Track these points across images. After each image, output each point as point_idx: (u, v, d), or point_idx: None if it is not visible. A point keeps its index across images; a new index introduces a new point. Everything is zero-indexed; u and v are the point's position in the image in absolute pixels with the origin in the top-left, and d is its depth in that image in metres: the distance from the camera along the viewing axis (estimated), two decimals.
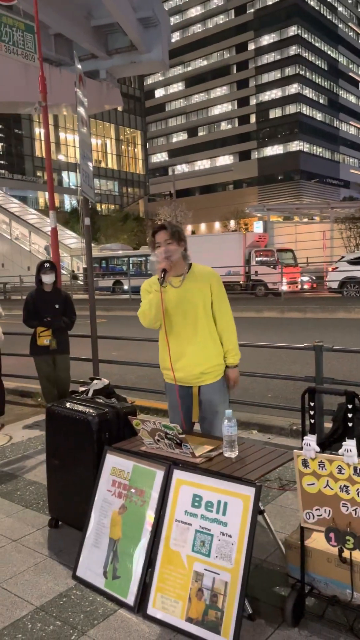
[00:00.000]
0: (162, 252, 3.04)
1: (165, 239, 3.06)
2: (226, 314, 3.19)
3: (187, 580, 2.42)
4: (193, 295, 3.10)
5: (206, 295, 3.12)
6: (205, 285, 3.13)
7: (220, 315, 3.17)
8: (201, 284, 3.13)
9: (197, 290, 3.11)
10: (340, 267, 19.50)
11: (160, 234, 3.08)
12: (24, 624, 2.48)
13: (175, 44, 68.12)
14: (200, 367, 3.12)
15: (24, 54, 7.62)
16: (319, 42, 78.26)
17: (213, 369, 3.16)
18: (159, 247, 3.07)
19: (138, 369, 7.86)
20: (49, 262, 5.50)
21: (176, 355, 3.15)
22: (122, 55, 29.46)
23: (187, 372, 3.14)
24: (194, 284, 3.12)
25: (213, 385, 3.18)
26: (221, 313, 3.17)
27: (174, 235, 3.06)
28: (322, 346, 4.44)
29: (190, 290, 3.11)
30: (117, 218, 51.22)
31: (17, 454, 4.79)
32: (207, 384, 3.17)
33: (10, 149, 61.62)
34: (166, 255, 3.03)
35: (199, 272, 3.18)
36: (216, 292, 3.15)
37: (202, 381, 3.16)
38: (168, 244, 3.05)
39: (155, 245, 3.09)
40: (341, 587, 2.32)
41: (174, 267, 3.09)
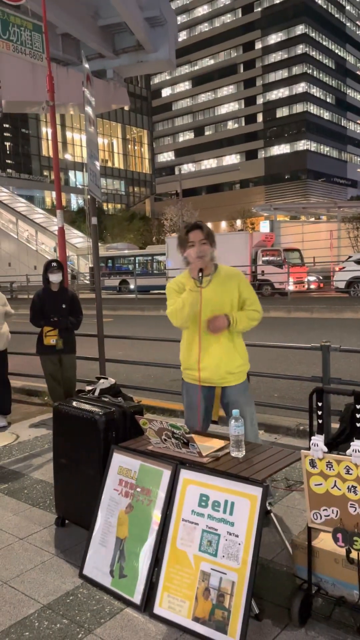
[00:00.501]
0: (197, 252, 3.03)
1: (200, 239, 3.05)
2: (254, 302, 3.19)
3: (194, 580, 2.42)
4: (220, 295, 3.10)
5: (234, 296, 3.12)
6: (234, 286, 3.13)
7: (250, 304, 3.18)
8: (229, 284, 3.13)
9: (224, 291, 3.11)
10: (348, 267, 19.42)
11: (195, 233, 3.05)
12: (31, 622, 2.49)
13: (182, 43, 68.08)
14: (225, 368, 3.12)
15: (31, 53, 7.63)
16: (326, 41, 78.01)
17: (237, 369, 3.16)
18: (192, 246, 3.04)
19: (144, 369, 7.87)
20: (56, 262, 5.51)
21: (202, 355, 3.14)
22: (129, 54, 29.47)
23: (212, 372, 3.13)
24: (222, 284, 3.12)
25: (237, 387, 3.19)
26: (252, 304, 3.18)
27: (209, 236, 3.07)
28: (329, 346, 4.42)
29: (217, 290, 3.11)
30: (123, 217, 51.28)
31: (24, 452, 4.81)
32: (232, 385, 3.17)
33: (17, 148, 61.84)
34: (200, 255, 3.03)
35: (226, 272, 3.18)
36: (245, 291, 3.16)
37: (227, 382, 3.16)
38: (203, 244, 3.04)
39: (189, 244, 3.06)
40: (348, 587, 2.32)
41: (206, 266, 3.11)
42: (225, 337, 3.12)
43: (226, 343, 3.13)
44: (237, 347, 3.18)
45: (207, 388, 3.21)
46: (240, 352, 3.20)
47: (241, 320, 3.10)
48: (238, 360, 3.17)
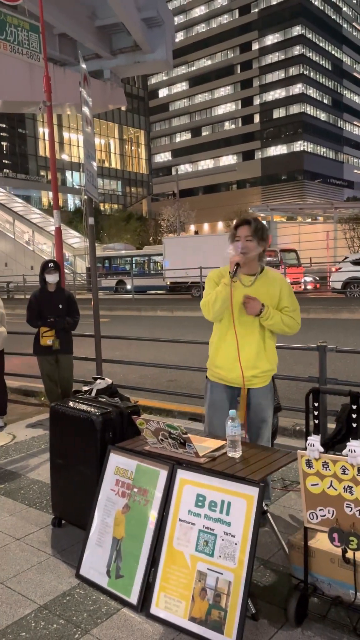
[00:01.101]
0: (239, 247, 2.96)
1: (246, 235, 2.98)
2: (295, 311, 3.09)
3: (191, 580, 2.42)
4: (261, 297, 3.01)
5: (274, 301, 3.04)
6: (276, 291, 3.05)
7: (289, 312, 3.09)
8: (272, 288, 3.05)
9: (266, 294, 3.03)
10: (344, 268, 19.47)
11: (243, 228, 3.00)
12: (28, 622, 2.49)
13: (179, 44, 68.09)
14: (252, 370, 3.06)
15: (28, 53, 7.63)
16: (323, 42, 78.18)
17: (264, 373, 3.10)
18: (238, 241, 3.00)
19: (141, 369, 7.87)
20: (53, 262, 5.51)
21: (230, 355, 3.07)
22: (126, 55, 29.50)
23: (238, 373, 3.06)
24: (265, 287, 3.05)
25: (261, 390, 3.12)
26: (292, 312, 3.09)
27: (256, 232, 2.98)
28: (325, 346, 4.43)
29: (259, 292, 3.04)
30: (120, 218, 51.27)
31: (20, 452, 4.80)
32: (256, 387, 3.11)
33: (14, 148, 61.74)
34: (242, 250, 2.95)
35: (272, 276, 3.10)
36: (286, 299, 3.07)
37: (252, 384, 3.09)
38: (248, 240, 2.97)
39: (235, 238, 3.02)
40: (345, 587, 2.32)
41: (247, 265, 3.01)
42: (257, 339, 3.05)
43: (257, 345, 3.05)
44: (267, 351, 3.09)
45: (231, 388, 3.14)
46: (270, 355, 3.12)
47: (274, 317, 3.00)
48: (265, 365, 3.08)
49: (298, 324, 3.08)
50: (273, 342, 3.16)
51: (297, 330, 3.09)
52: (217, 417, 3.17)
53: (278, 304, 3.06)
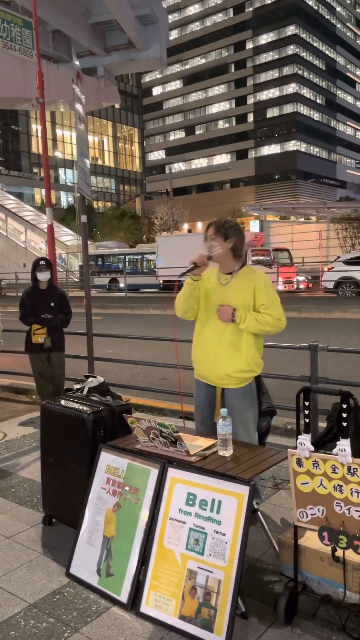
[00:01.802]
0: (205, 247, 3.05)
1: (210, 235, 3.06)
2: (271, 307, 3.02)
3: (181, 578, 2.42)
4: (234, 295, 3.03)
5: (247, 299, 3.02)
6: (250, 289, 3.03)
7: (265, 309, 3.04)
8: (245, 286, 3.04)
9: (239, 292, 3.03)
10: (336, 267, 19.55)
11: (209, 230, 3.09)
12: (17, 620, 2.48)
13: (173, 42, 68.15)
14: (224, 369, 3.05)
15: (21, 49, 7.58)
16: (317, 42, 78.36)
17: (238, 374, 3.06)
18: (208, 241, 3.08)
19: (133, 367, 7.86)
20: (45, 260, 5.48)
21: (205, 352, 3.11)
22: (120, 52, 29.41)
23: (211, 371, 3.10)
24: (240, 287, 3.05)
25: (236, 391, 3.09)
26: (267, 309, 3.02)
27: (218, 231, 3.03)
28: (317, 346, 4.45)
29: (232, 290, 3.05)
30: (113, 216, 51.14)
31: (11, 451, 4.78)
32: (230, 388, 3.09)
33: (7, 145, 61.42)
34: (208, 250, 3.03)
35: (248, 273, 3.09)
36: (260, 296, 3.02)
37: (225, 384, 3.09)
38: (212, 239, 3.04)
39: (206, 239, 3.10)
40: (334, 586, 2.34)
41: (222, 264, 3.09)
42: (230, 338, 3.03)
43: (229, 344, 3.03)
44: (241, 351, 3.04)
45: (210, 387, 3.16)
46: (247, 355, 3.05)
47: (247, 319, 2.97)
48: (239, 365, 3.04)
49: (279, 320, 3.00)
50: (253, 343, 3.08)
51: (280, 327, 3.02)
52: (197, 413, 3.26)
53: (254, 302, 3.03)
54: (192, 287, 3.08)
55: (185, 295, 3.10)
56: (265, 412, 3.28)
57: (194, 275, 3.05)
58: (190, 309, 3.15)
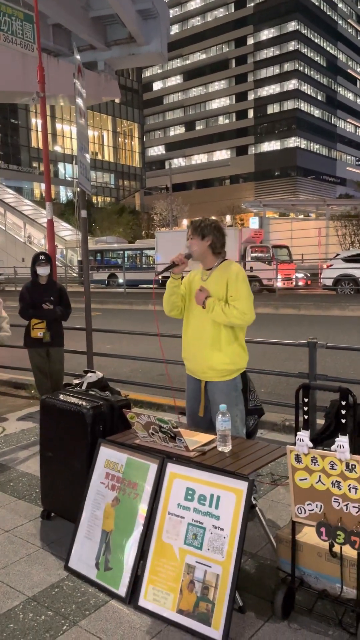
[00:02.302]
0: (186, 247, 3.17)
1: (189, 234, 3.17)
2: (238, 299, 3.03)
3: (179, 573, 2.44)
4: (211, 289, 3.12)
5: (221, 291, 3.09)
6: (222, 282, 3.10)
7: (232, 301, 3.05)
8: (221, 279, 3.12)
9: (215, 286, 3.12)
10: (335, 265, 19.57)
11: (189, 230, 3.20)
12: (16, 613, 2.49)
13: (174, 37, 67.70)
14: (206, 362, 3.12)
15: (22, 43, 7.54)
16: (318, 38, 78.11)
17: (220, 366, 3.10)
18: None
19: (132, 363, 7.87)
20: (44, 254, 5.48)
21: (189, 346, 3.22)
22: (120, 46, 29.32)
23: (195, 365, 3.20)
24: (215, 280, 3.14)
25: (218, 385, 3.14)
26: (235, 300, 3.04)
27: (196, 230, 3.14)
28: (316, 343, 4.46)
29: (211, 284, 3.14)
30: (112, 211, 51.05)
31: (10, 445, 4.80)
32: (213, 381, 3.15)
33: (6, 139, 61.20)
34: (186, 249, 3.15)
35: (225, 268, 3.16)
36: (232, 288, 3.06)
37: (209, 377, 3.16)
38: (190, 239, 3.16)
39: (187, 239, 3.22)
40: (331, 581, 2.35)
41: (203, 261, 3.20)
42: (210, 331, 3.11)
43: (210, 335, 3.11)
44: (224, 345, 3.09)
45: (196, 380, 3.25)
46: (229, 350, 3.10)
47: (216, 310, 3.01)
48: (220, 357, 3.09)
49: (244, 313, 2.99)
50: (233, 339, 3.12)
51: (245, 320, 3.02)
52: (187, 407, 3.35)
53: (227, 293, 3.09)
54: (173, 285, 3.20)
55: (167, 293, 3.24)
56: (252, 411, 3.32)
57: (174, 274, 3.17)
58: (175, 307, 3.26)
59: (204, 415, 3.23)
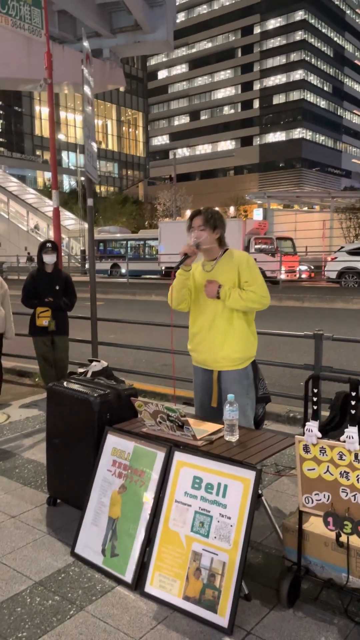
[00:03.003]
0: (193, 237, 3.09)
1: (199, 225, 3.10)
2: (254, 284, 3.06)
3: (185, 560, 2.46)
4: (220, 277, 3.10)
5: (233, 278, 3.08)
6: (234, 268, 3.09)
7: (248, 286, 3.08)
8: (230, 267, 3.11)
9: (225, 274, 3.10)
10: (339, 257, 19.48)
11: (196, 219, 3.13)
12: (23, 598, 2.52)
13: (180, 25, 67.19)
14: (219, 351, 3.11)
15: (30, 28, 7.47)
16: (325, 28, 77.34)
17: (233, 355, 3.12)
18: (193, 231, 3.11)
19: (136, 352, 7.88)
20: (51, 242, 5.47)
21: (200, 338, 3.19)
22: (126, 34, 29.06)
23: (207, 355, 3.17)
24: (223, 269, 3.12)
25: (231, 374, 3.15)
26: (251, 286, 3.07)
27: (208, 221, 3.09)
28: (322, 335, 4.46)
29: (218, 273, 3.12)
30: (116, 200, 50.93)
31: (15, 432, 4.82)
32: (226, 370, 3.15)
33: (10, 126, 60.92)
34: (195, 240, 3.07)
35: (232, 256, 3.15)
36: (245, 273, 3.07)
37: (222, 366, 3.15)
38: (201, 230, 3.09)
39: (190, 229, 3.13)
40: (337, 570, 2.37)
41: (207, 252, 3.16)
42: (222, 321, 3.10)
43: (222, 325, 3.10)
44: (234, 333, 3.11)
45: (205, 371, 3.24)
46: (240, 338, 3.13)
47: (232, 295, 3.02)
48: (233, 346, 3.11)
49: (262, 296, 3.05)
50: (246, 327, 3.16)
51: (264, 304, 3.07)
52: (197, 399, 3.34)
53: (239, 280, 3.09)
54: (185, 278, 3.14)
55: (178, 286, 3.16)
56: (261, 399, 3.35)
57: (184, 266, 3.12)
58: (184, 300, 3.22)
59: (217, 405, 3.21)
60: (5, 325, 5.63)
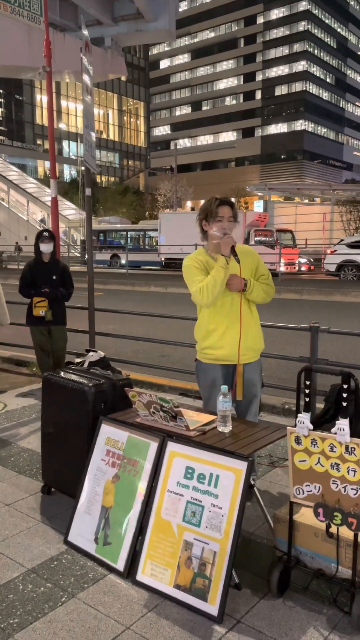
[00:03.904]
0: (221, 228, 3.01)
1: (229, 216, 3.04)
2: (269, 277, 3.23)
3: (177, 549, 2.47)
4: (243, 272, 3.09)
5: (252, 273, 3.14)
6: (253, 263, 3.17)
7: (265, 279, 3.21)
8: (249, 260, 3.12)
9: (247, 268, 3.10)
10: (339, 250, 19.47)
11: (226, 209, 3.03)
12: (15, 584, 2.54)
13: (182, 14, 66.48)
14: (245, 344, 3.11)
15: (29, 16, 7.40)
16: (329, 19, 76.66)
17: (257, 346, 3.19)
18: (220, 221, 3.03)
19: (134, 343, 7.89)
20: (48, 232, 5.46)
21: (219, 333, 3.10)
22: (128, 22, 28.81)
23: (231, 349, 3.08)
24: (244, 262, 3.07)
25: (253, 365, 3.19)
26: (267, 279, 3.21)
27: (236, 215, 3.09)
28: (318, 327, 4.46)
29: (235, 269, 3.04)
30: (116, 191, 50.72)
31: (11, 421, 4.83)
32: (249, 362, 3.16)
33: (10, 115, 60.54)
34: (226, 231, 3.02)
35: (244, 250, 3.13)
36: (262, 268, 3.22)
37: (247, 358, 3.14)
38: (230, 221, 3.05)
39: (217, 218, 3.02)
40: (327, 561, 2.39)
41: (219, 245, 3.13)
42: (246, 311, 3.12)
43: (247, 317, 3.12)
44: (253, 324, 3.19)
45: (225, 366, 3.15)
46: (259, 329, 3.26)
47: (256, 288, 3.11)
48: (254, 338, 3.18)
49: (274, 288, 3.24)
50: (258, 318, 3.28)
51: (273, 295, 3.24)
52: (205, 395, 3.26)
53: (256, 273, 3.18)
54: (226, 271, 2.98)
55: (221, 280, 2.96)
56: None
57: (233, 259, 2.99)
58: (220, 295, 3.05)
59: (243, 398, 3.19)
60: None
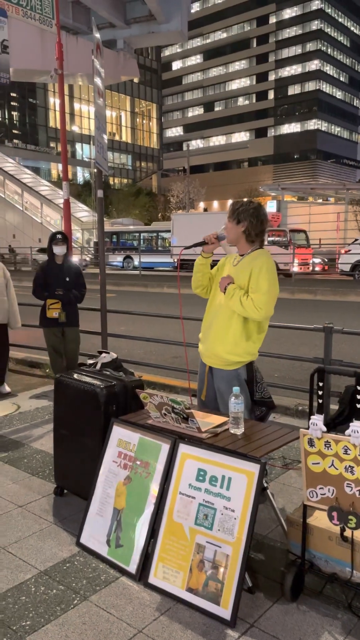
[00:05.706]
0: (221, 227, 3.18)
1: (228, 216, 3.16)
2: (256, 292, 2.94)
3: (189, 552, 2.46)
4: (237, 278, 3.05)
5: (245, 282, 3.00)
6: (247, 271, 3.00)
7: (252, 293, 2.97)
8: (247, 267, 3.03)
9: (241, 274, 3.06)
10: (353, 250, 19.29)
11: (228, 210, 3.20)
12: (28, 587, 2.54)
13: (194, 15, 66.46)
14: (213, 348, 3.09)
15: (41, 19, 7.44)
16: (342, 18, 76.14)
17: (224, 355, 3.05)
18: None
19: (146, 345, 7.89)
20: (61, 234, 5.48)
21: (204, 329, 3.23)
22: (140, 24, 28.93)
23: (204, 348, 3.19)
24: (242, 268, 3.06)
25: (220, 372, 3.11)
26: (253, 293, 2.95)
27: (232, 214, 3.11)
28: (332, 328, 4.41)
29: (236, 273, 3.08)
30: (129, 192, 50.83)
31: (24, 422, 4.85)
32: (217, 368, 3.13)
33: (24, 118, 61.03)
34: (220, 232, 3.18)
35: (254, 257, 3.04)
36: (253, 280, 2.96)
37: (212, 363, 3.14)
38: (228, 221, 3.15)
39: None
40: (341, 565, 2.35)
41: (236, 245, 3.16)
42: (224, 317, 3.06)
43: (222, 324, 3.06)
44: (231, 334, 3.02)
45: (203, 363, 3.26)
46: (234, 341, 3.03)
47: (234, 296, 2.95)
48: (229, 346, 3.03)
49: (258, 307, 2.90)
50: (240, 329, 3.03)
51: (259, 315, 2.92)
52: (198, 389, 3.34)
53: (249, 283, 2.99)
54: (199, 263, 3.26)
55: (195, 269, 3.28)
56: (258, 403, 3.16)
57: (203, 252, 3.23)
58: (200, 285, 3.30)
59: (206, 399, 3.24)
60: (8, 315, 5.66)
